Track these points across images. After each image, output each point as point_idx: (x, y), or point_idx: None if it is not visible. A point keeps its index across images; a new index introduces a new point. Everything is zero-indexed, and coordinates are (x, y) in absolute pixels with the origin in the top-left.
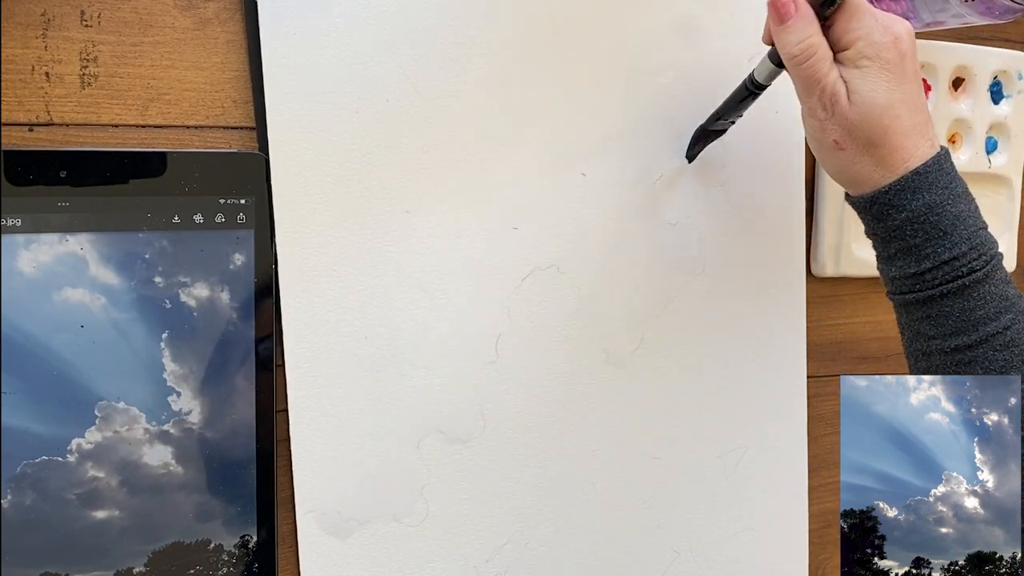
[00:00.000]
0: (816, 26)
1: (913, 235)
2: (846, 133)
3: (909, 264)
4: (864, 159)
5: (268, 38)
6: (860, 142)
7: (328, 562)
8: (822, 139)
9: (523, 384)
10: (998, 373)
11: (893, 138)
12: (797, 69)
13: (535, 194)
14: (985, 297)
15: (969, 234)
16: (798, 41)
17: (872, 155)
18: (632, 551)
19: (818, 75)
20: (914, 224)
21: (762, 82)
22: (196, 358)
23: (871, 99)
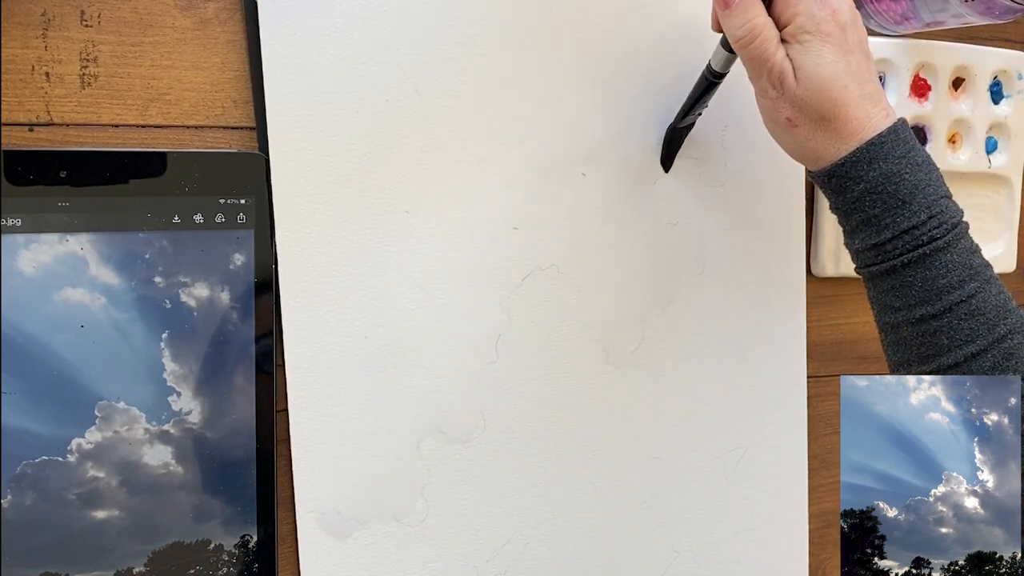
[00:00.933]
0: (759, 7)
1: (872, 206)
2: (797, 110)
3: (870, 235)
4: (818, 134)
5: (268, 38)
6: (812, 117)
7: (328, 562)
8: (776, 118)
9: (523, 384)
10: (963, 342)
11: (843, 110)
12: (744, 51)
13: (535, 194)
14: (948, 265)
15: (929, 203)
16: (742, 23)
17: (825, 129)
18: (632, 551)
19: (765, 55)
20: (872, 195)
21: (719, 70)
22: (196, 358)
23: (816, 73)
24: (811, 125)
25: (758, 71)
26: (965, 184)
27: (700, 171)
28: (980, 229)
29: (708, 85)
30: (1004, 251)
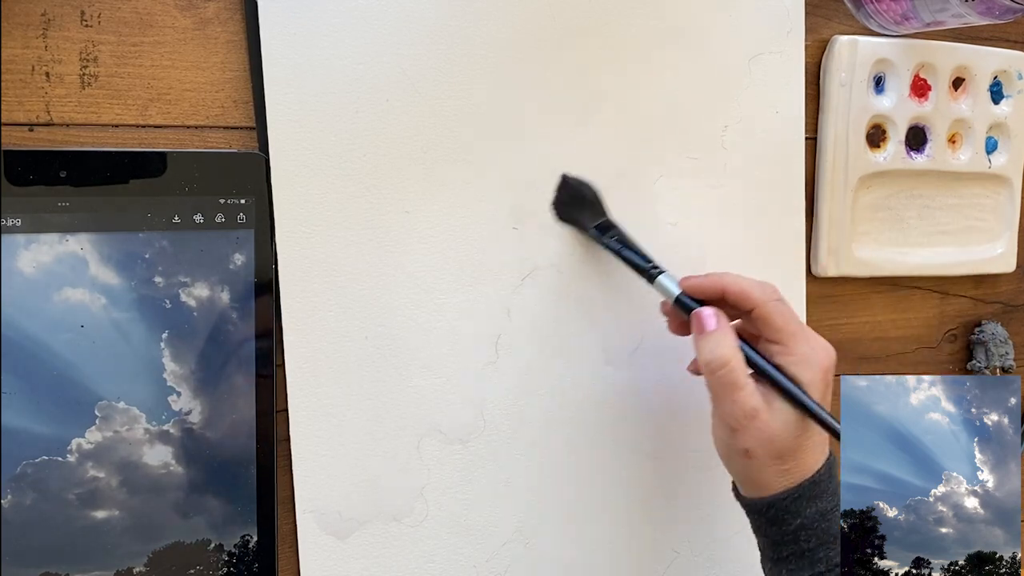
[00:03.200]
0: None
1: (807, 540)
2: (759, 444)
3: (802, 567)
4: (770, 468)
5: (268, 38)
6: (771, 454)
7: (328, 562)
8: (732, 445)
9: (523, 384)
10: None
11: (802, 454)
12: (712, 377)
13: (535, 194)
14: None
15: None
16: (713, 355)
17: (778, 467)
18: (632, 551)
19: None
20: (808, 530)
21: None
22: (196, 358)
23: (793, 419)
24: (766, 460)
25: (722, 399)
26: (965, 184)
27: (700, 171)
28: (980, 229)
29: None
30: (1004, 251)
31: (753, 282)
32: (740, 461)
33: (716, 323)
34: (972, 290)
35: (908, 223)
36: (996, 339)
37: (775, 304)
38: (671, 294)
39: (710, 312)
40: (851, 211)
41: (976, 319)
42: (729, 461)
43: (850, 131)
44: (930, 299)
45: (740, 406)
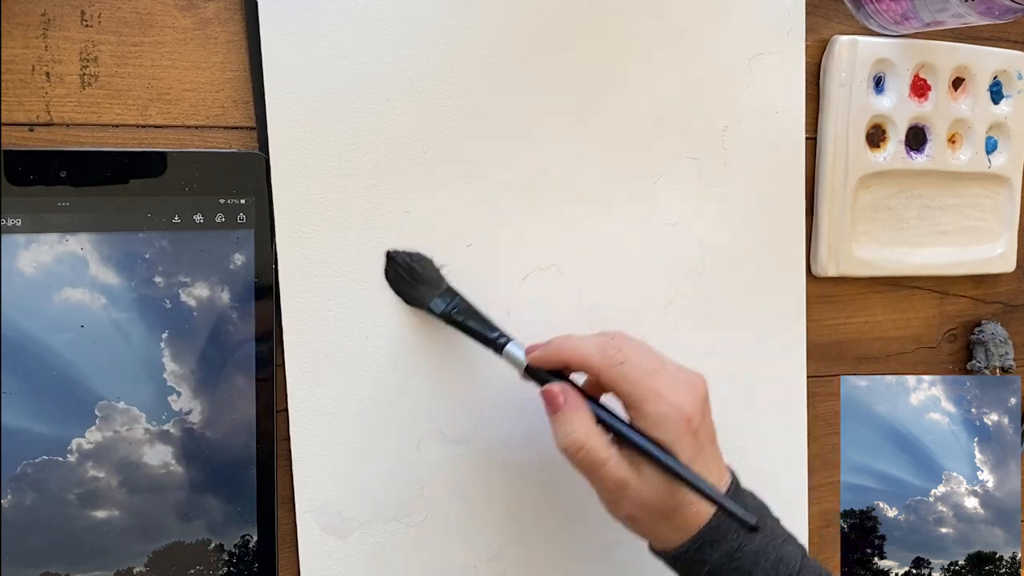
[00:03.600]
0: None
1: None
2: (637, 510)
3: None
4: (660, 525)
5: (268, 38)
6: (653, 516)
7: (328, 562)
8: (616, 512)
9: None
10: None
11: (688, 507)
12: (572, 459)
13: (535, 194)
14: None
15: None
16: (566, 435)
17: (668, 523)
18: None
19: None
20: (718, 573)
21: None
22: (196, 358)
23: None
24: (652, 521)
25: (591, 477)
26: (965, 184)
27: (700, 171)
28: (980, 229)
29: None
30: (1004, 251)
31: (592, 345)
32: (629, 526)
33: (563, 400)
34: (972, 290)
35: (908, 223)
36: (996, 339)
37: (617, 369)
38: (520, 364)
39: (556, 390)
40: (851, 211)
41: (976, 319)
42: (622, 523)
43: (850, 131)
44: (930, 299)
45: (607, 481)
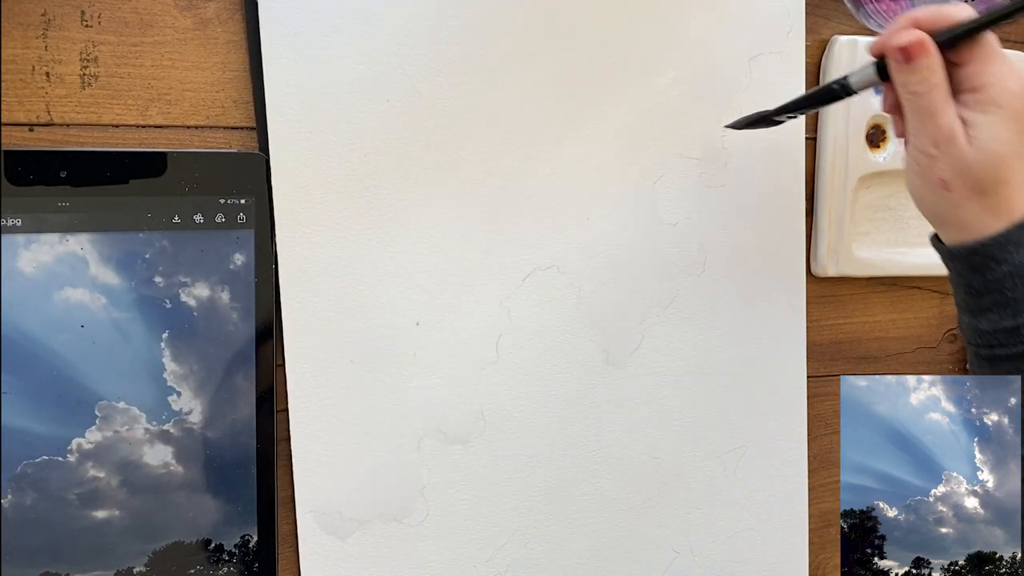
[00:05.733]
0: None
1: (1012, 289)
2: (956, 174)
3: (1005, 318)
4: (970, 204)
5: (268, 38)
6: (969, 187)
7: (328, 562)
8: (929, 176)
9: (523, 384)
10: None
11: (1005, 189)
12: (915, 100)
13: (535, 194)
14: None
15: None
16: (921, 79)
17: (979, 202)
18: (632, 551)
19: (935, 108)
20: (1015, 278)
21: (855, 88)
22: (196, 358)
23: (992, 147)
24: (966, 193)
25: (924, 125)
26: None
27: (700, 171)
28: None
29: (832, 97)
30: None
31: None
32: (937, 195)
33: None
34: None
35: (908, 223)
36: None
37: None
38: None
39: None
40: (851, 211)
41: None
42: (925, 198)
43: (850, 131)
44: (930, 299)
45: (937, 129)
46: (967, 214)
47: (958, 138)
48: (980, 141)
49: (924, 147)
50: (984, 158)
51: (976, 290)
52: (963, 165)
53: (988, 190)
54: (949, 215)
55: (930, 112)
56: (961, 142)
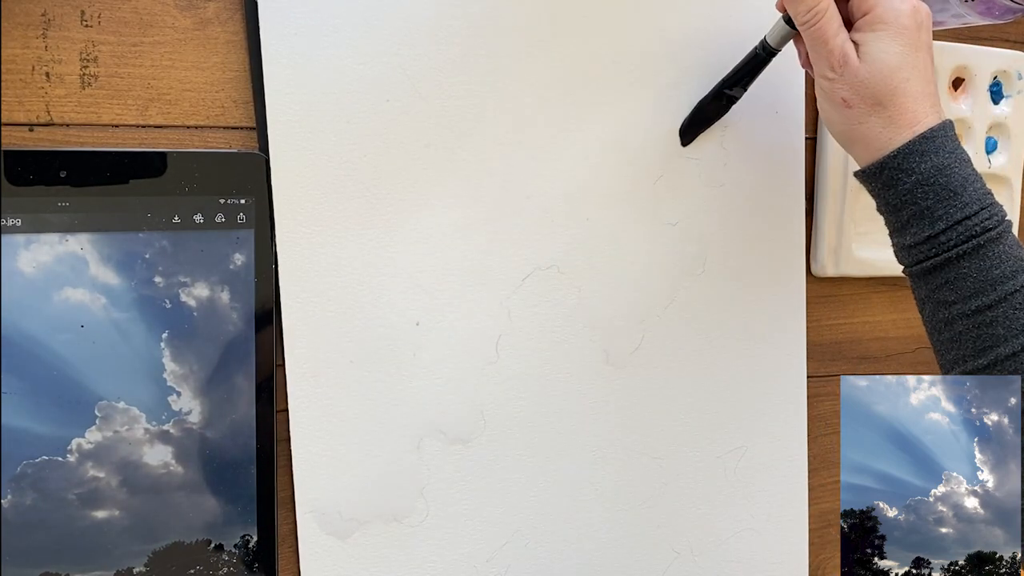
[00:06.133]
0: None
1: (924, 197)
2: (854, 92)
3: (923, 227)
4: (872, 119)
5: (268, 38)
6: (868, 101)
7: (328, 562)
8: (831, 97)
9: (523, 384)
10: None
11: (902, 99)
12: (807, 31)
13: (535, 194)
14: (1001, 256)
15: (979, 195)
16: (807, 8)
17: (880, 115)
18: (632, 551)
19: (826, 36)
20: (924, 187)
21: (774, 47)
22: (196, 358)
23: (882, 59)
24: (866, 108)
25: (819, 51)
26: None
27: (700, 171)
28: None
29: (759, 61)
30: None
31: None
32: (841, 113)
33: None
34: None
35: None
36: None
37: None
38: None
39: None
40: (851, 211)
41: None
42: (833, 118)
43: None
44: None
45: (831, 53)
46: (871, 130)
47: (850, 58)
48: (870, 56)
49: (823, 72)
50: (876, 70)
51: (894, 206)
52: (858, 81)
53: (886, 102)
54: (855, 133)
55: (823, 38)
56: (854, 61)
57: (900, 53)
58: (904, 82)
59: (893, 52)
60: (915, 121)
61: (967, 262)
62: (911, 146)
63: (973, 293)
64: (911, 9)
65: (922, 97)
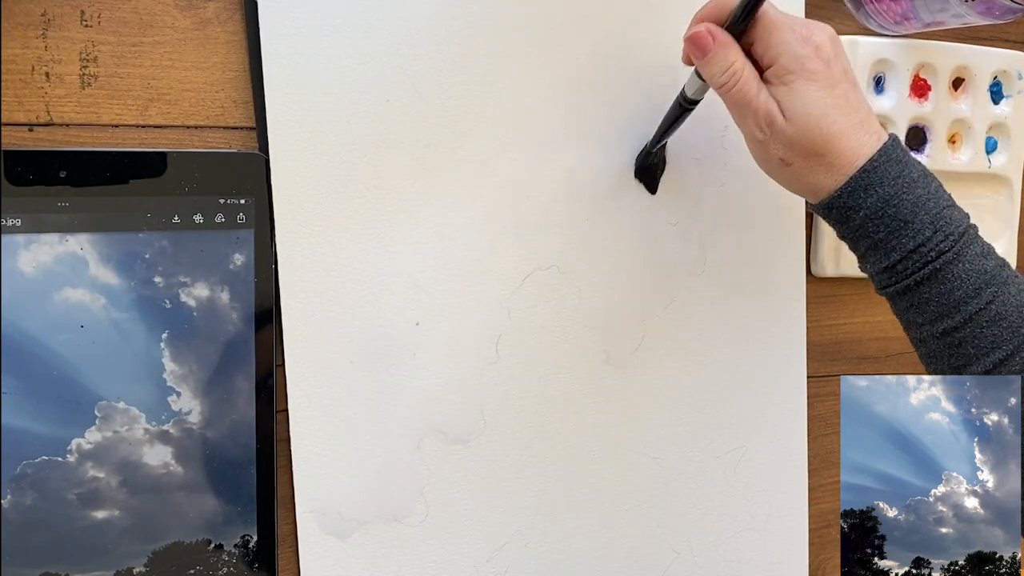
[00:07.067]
0: (736, 50)
1: (876, 231)
2: (788, 149)
3: (879, 259)
4: (813, 169)
5: (268, 38)
6: (804, 155)
7: (328, 562)
8: (768, 158)
9: (523, 384)
10: (989, 350)
11: (835, 143)
12: (727, 96)
13: (535, 194)
14: (960, 276)
15: (931, 218)
16: (723, 69)
17: (820, 163)
18: (632, 551)
19: (747, 98)
20: (874, 220)
21: (693, 98)
22: (196, 358)
23: (804, 112)
24: (805, 162)
25: (743, 114)
26: (965, 184)
27: (700, 171)
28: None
29: (681, 112)
30: (1004, 251)
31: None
32: (783, 172)
33: (714, 40)
34: None
35: None
36: None
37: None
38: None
39: (703, 31)
40: None
41: None
42: (777, 177)
43: None
44: None
45: (755, 115)
46: (815, 179)
47: (776, 118)
48: (791, 111)
49: (752, 133)
50: (802, 125)
51: (850, 239)
52: (789, 140)
53: (821, 151)
54: (801, 184)
55: (744, 100)
56: (779, 120)
57: (819, 99)
58: (832, 125)
59: (811, 101)
60: (855, 156)
61: (927, 287)
62: (854, 182)
63: (938, 316)
64: (814, 51)
65: (855, 129)
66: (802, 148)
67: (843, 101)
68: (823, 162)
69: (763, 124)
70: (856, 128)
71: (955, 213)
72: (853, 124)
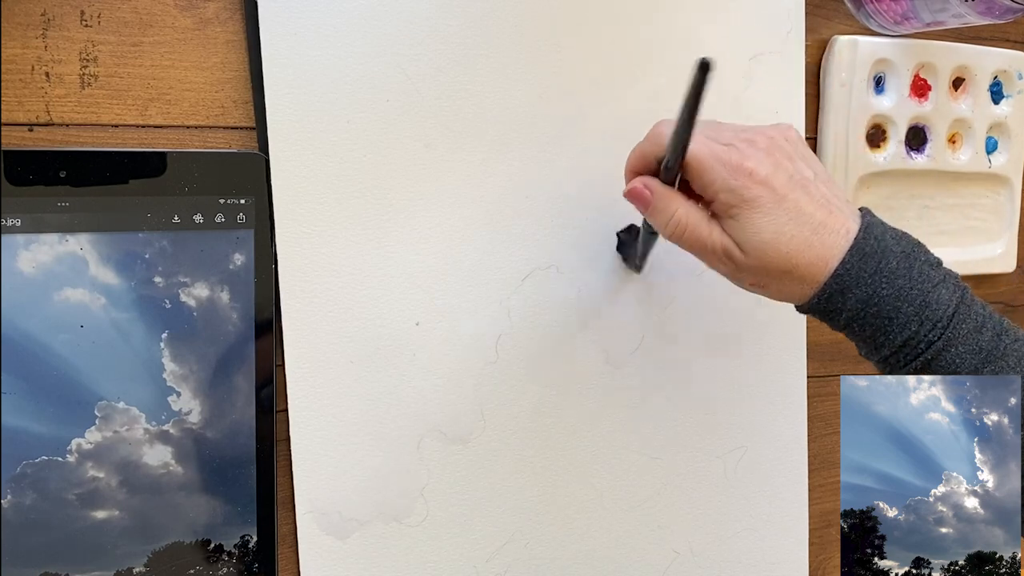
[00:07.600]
0: (677, 199)
1: (861, 330)
2: (755, 275)
3: (871, 352)
4: (786, 284)
5: (268, 38)
6: (772, 276)
7: (328, 562)
8: (740, 284)
9: (523, 384)
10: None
11: (797, 258)
12: (679, 243)
13: (535, 194)
14: (954, 363)
15: (916, 309)
16: (666, 221)
17: (791, 277)
18: (632, 551)
19: (700, 241)
20: (858, 321)
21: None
22: (196, 358)
23: (758, 240)
24: (776, 281)
25: (701, 255)
26: (965, 184)
27: None
28: (980, 229)
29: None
30: (1004, 251)
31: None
32: (760, 291)
33: (650, 191)
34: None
35: (908, 223)
36: None
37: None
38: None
39: (639, 186)
40: None
41: None
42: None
43: (850, 131)
44: None
45: (713, 254)
46: (791, 290)
47: (733, 252)
48: (747, 243)
49: (717, 268)
50: (760, 255)
51: (843, 332)
52: (752, 268)
53: (787, 268)
54: (780, 296)
55: (697, 244)
56: (737, 254)
57: (768, 223)
58: (790, 242)
59: (761, 227)
60: (824, 263)
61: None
62: (829, 288)
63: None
64: (747, 179)
65: (816, 235)
66: (768, 272)
67: (795, 214)
68: (794, 275)
69: (723, 259)
70: (818, 233)
71: (942, 293)
72: (813, 231)
